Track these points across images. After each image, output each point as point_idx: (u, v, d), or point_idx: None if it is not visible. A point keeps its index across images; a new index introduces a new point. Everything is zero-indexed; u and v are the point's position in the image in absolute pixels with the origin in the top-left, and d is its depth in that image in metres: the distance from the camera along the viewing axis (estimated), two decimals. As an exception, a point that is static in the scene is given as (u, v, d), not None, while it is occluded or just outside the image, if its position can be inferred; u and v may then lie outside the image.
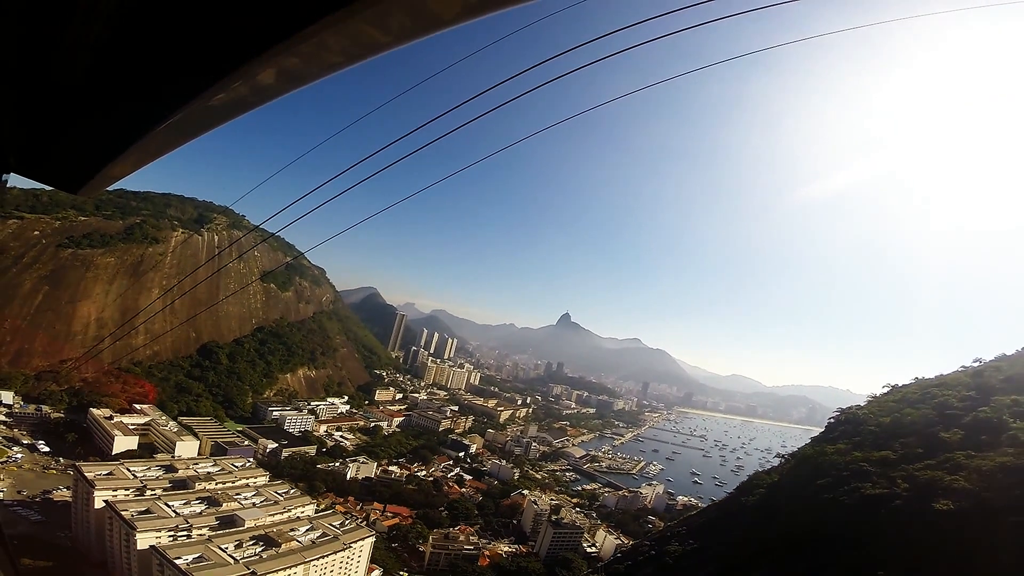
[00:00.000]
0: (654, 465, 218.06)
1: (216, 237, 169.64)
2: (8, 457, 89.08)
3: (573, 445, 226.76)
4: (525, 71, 4.11)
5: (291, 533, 65.92)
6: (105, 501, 67.30)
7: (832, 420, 69.62)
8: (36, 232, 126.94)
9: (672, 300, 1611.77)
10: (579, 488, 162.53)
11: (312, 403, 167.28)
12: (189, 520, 65.75)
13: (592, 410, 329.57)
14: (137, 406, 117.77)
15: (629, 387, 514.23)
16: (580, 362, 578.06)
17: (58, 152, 2.87)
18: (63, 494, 79.97)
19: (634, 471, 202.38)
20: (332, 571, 64.42)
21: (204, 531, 63.82)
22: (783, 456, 71.52)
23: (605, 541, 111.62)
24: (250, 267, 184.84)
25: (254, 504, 73.65)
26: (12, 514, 74.14)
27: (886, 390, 73.30)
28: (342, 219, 10.17)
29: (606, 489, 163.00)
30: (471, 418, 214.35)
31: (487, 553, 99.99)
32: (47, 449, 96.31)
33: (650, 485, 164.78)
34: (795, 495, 51.24)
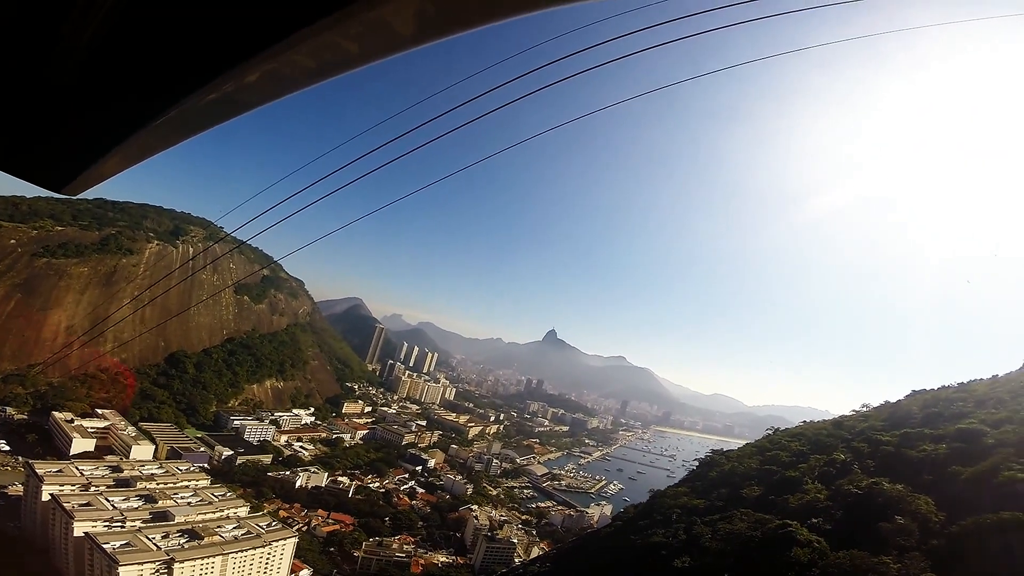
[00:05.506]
0: (615, 484, 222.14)
1: (191, 249, 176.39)
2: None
3: (538, 463, 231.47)
4: (506, 83, 4.18)
5: (217, 529, 72.54)
6: (51, 495, 73.86)
7: (696, 462, 74.72)
8: (12, 241, 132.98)
9: (659, 318, 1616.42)
10: (533, 505, 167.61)
11: (276, 414, 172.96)
12: (125, 513, 72.46)
13: (565, 428, 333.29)
14: (99, 411, 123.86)
15: (610, 405, 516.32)
16: (564, 379, 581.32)
17: (41, 149, 2.88)
18: (17, 489, 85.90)
19: (592, 490, 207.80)
20: (252, 564, 70.97)
21: (137, 523, 70.39)
22: (652, 491, 76.51)
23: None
24: (224, 280, 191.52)
25: (189, 503, 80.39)
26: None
27: (770, 432, 79.21)
28: (323, 227, 10.53)
29: (559, 507, 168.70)
30: (438, 433, 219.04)
31: (421, 562, 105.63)
32: (7, 448, 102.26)
33: (598, 504, 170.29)
34: (629, 532, 55.83)
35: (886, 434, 54.58)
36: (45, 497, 74.09)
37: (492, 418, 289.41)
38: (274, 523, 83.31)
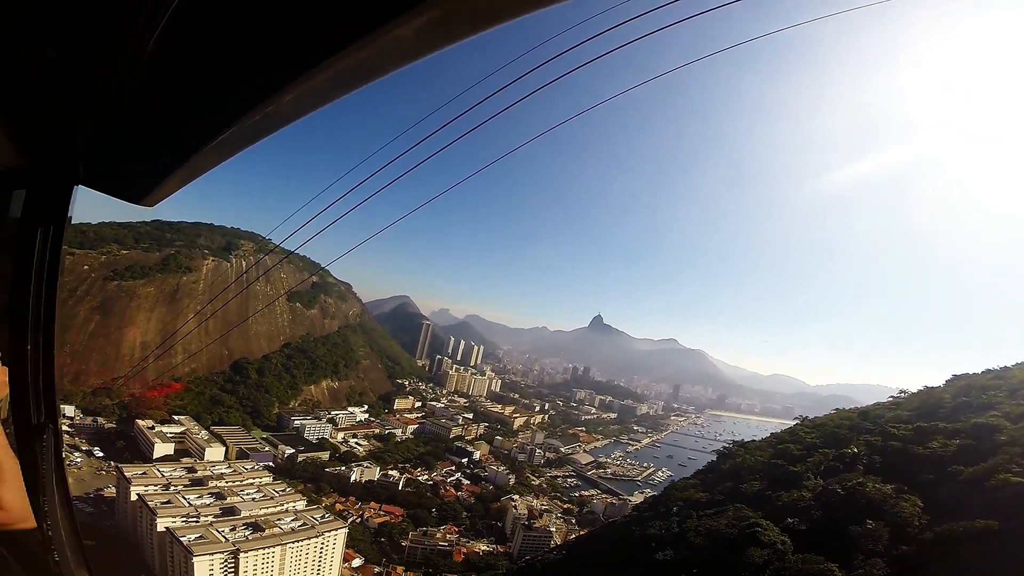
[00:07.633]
0: (663, 471, 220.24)
1: (244, 263, 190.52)
2: (69, 461, 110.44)
3: (583, 451, 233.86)
4: (540, 65, 4.13)
5: (277, 522, 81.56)
6: (137, 495, 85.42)
7: (715, 453, 74.99)
8: (86, 267, 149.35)
9: (712, 298, 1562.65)
10: (576, 494, 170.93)
11: (332, 412, 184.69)
12: (199, 509, 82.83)
13: (613, 415, 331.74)
14: (175, 417, 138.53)
15: (661, 390, 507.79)
16: (612, 365, 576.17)
17: (121, 163, 3.06)
18: (111, 491, 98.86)
19: (639, 478, 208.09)
20: (307, 553, 79.40)
21: (209, 518, 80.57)
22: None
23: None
24: (276, 289, 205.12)
25: (253, 498, 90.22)
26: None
27: (797, 421, 77.69)
28: (366, 231, 10.63)
29: (602, 495, 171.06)
30: (484, 425, 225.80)
31: (463, 550, 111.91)
32: (101, 454, 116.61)
33: (641, 493, 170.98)
34: (636, 524, 56.82)
35: (900, 427, 52.19)
36: (133, 497, 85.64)
37: (537, 408, 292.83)
38: (327, 515, 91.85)
